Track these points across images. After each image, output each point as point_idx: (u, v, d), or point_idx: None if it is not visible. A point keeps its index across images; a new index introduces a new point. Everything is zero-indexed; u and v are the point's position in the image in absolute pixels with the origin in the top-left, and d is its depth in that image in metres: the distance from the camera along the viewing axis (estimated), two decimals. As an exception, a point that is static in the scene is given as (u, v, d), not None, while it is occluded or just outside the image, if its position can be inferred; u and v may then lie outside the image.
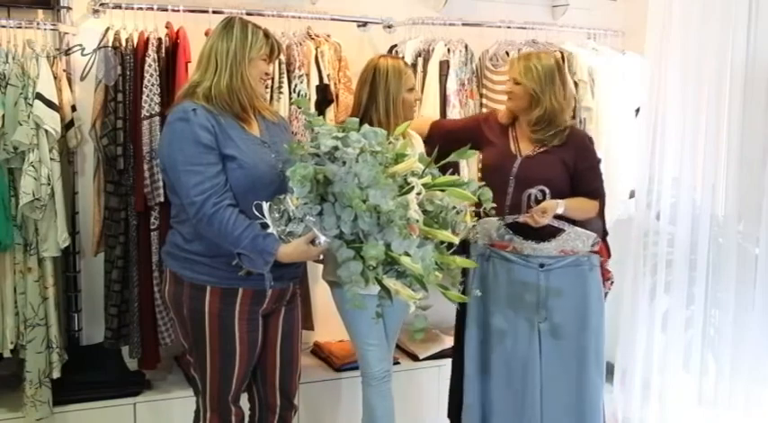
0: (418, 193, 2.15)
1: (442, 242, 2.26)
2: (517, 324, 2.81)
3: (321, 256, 2.28)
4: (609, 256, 2.96)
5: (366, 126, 2.27)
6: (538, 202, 2.72)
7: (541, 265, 2.78)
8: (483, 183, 2.38)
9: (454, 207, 2.30)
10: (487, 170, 2.87)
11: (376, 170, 2.09)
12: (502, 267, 2.82)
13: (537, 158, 2.79)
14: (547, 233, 2.76)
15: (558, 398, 2.81)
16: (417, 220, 2.13)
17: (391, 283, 2.14)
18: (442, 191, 2.27)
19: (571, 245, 2.78)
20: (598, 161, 2.92)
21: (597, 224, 2.90)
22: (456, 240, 2.24)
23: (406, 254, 2.10)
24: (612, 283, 2.95)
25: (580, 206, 2.80)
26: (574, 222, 2.79)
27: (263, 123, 2.43)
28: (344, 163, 2.12)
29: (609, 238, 3.96)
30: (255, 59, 2.35)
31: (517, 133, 2.88)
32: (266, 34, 2.39)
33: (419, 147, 2.89)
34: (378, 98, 2.80)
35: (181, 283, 2.39)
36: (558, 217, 2.73)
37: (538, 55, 2.85)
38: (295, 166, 2.13)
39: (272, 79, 3.10)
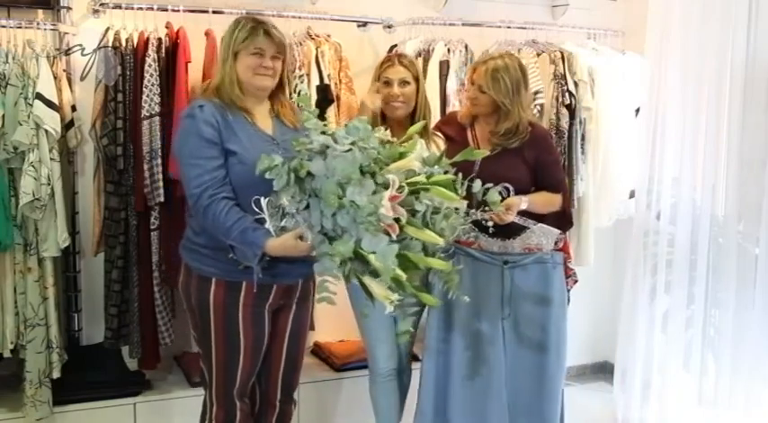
0: (400, 191, 2.13)
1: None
2: (481, 321, 2.82)
3: (315, 252, 2.27)
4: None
5: (355, 121, 2.27)
6: (502, 199, 2.73)
7: (506, 263, 2.79)
8: (491, 185, 2.36)
9: (448, 207, 2.28)
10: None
11: (352, 166, 2.09)
12: (466, 264, 2.81)
13: (498, 157, 2.79)
14: (511, 230, 2.77)
15: (520, 394, 2.83)
16: (400, 219, 2.11)
17: (368, 281, 2.13)
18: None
19: (536, 241, 2.79)
20: (559, 155, 2.96)
21: (559, 216, 2.93)
22: (440, 242, 2.19)
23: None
24: (576, 281, 2.96)
25: (543, 200, 2.82)
26: (539, 218, 2.80)
27: (278, 126, 2.46)
28: (324, 158, 2.14)
29: (609, 239, 4.00)
30: (241, 53, 2.37)
31: (477, 132, 2.89)
32: (254, 29, 2.37)
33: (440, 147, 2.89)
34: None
35: (190, 274, 2.45)
36: (522, 213, 2.74)
37: (504, 61, 2.79)
38: (261, 157, 2.16)
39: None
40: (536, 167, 2.83)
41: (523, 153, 2.81)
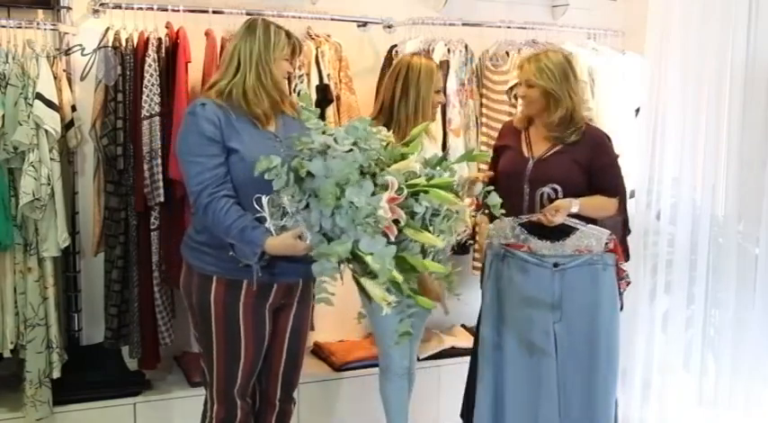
0: (399, 193, 2.12)
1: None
2: (533, 325, 2.78)
3: (313, 253, 2.27)
4: (627, 255, 2.93)
5: (356, 121, 2.27)
6: (551, 200, 2.70)
7: (555, 265, 2.75)
8: (491, 187, 2.35)
9: (449, 210, 2.26)
10: (503, 175, 2.84)
11: (351, 167, 2.09)
12: (517, 267, 2.79)
13: (549, 160, 2.77)
14: (561, 232, 2.72)
15: (572, 397, 2.78)
16: (398, 221, 2.11)
17: (366, 283, 2.13)
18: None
19: (585, 243, 2.73)
20: (616, 158, 2.87)
21: (616, 222, 2.87)
22: (439, 244, 2.18)
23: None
24: (629, 283, 2.89)
25: (597, 204, 2.76)
26: (593, 221, 2.75)
27: (281, 119, 2.47)
28: (325, 158, 2.14)
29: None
30: (279, 59, 2.39)
31: (530, 136, 2.85)
32: (288, 34, 2.43)
33: (434, 148, 2.89)
34: (409, 96, 2.83)
35: (191, 272, 2.45)
36: (574, 216, 2.70)
37: (546, 54, 2.80)
38: (261, 158, 2.15)
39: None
40: (590, 170, 2.77)
41: (575, 155, 2.76)
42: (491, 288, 2.85)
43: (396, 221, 2.10)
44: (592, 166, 2.77)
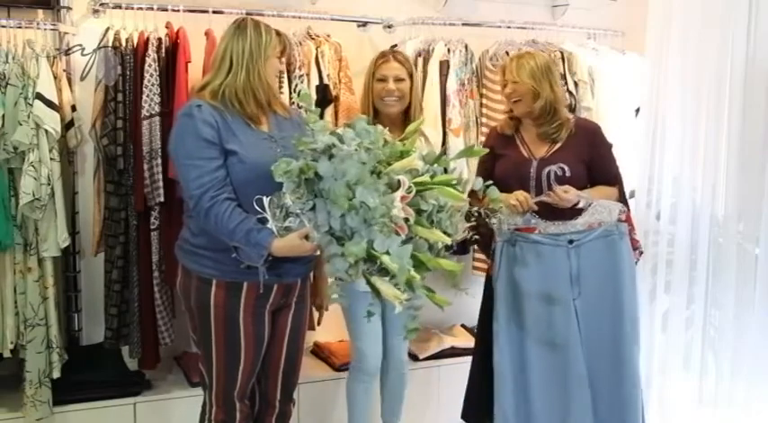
0: (408, 191, 2.14)
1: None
2: (552, 306, 2.75)
3: (318, 252, 2.27)
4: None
5: (359, 122, 2.26)
6: (557, 177, 2.72)
7: (570, 242, 2.74)
8: (490, 182, 2.37)
9: (452, 206, 2.28)
10: (505, 180, 2.81)
11: (362, 168, 2.09)
12: (530, 250, 2.76)
13: (552, 159, 2.78)
14: (572, 212, 2.74)
15: (600, 370, 2.77)
16: (407, 219, 2.12)
17: (377, 281, 2.14)
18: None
19: (597, 218, 2.74)
20: (611, 146, 2.92)
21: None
22: (448, 241, 2.21)
23: (389, 253, 2.09)
24: (642, 253, 2.93)
25: (602, 195, 2.80)
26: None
27: (273, 119, 2.46)
28: (330, 158, 2.14)
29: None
30: (271, 57, 2.39)
31: (525, 138, 2.86)
32: (277, 33, 2.44)
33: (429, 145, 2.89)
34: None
35: (189, 275, 2.43)
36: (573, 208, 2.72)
37: (529, 53, 2.87)
38: (279, 161, 2.15)
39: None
40: (591, 163, 2.81)
41: (576, 150, 2.79)
42: (503, 275, 2.79)
43: (405, 220, 2.12)
44: (591, 158, 2.81)
